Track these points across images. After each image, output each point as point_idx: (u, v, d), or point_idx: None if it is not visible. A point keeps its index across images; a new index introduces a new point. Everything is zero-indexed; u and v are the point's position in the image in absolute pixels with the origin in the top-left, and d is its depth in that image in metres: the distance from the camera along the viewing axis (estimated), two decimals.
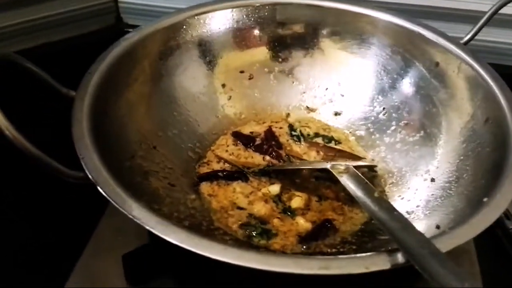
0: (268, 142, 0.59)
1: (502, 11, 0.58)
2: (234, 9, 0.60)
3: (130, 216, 0.36)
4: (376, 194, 0.42)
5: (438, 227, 0.44)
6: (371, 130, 0.60)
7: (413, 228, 0.36)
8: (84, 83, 0.48)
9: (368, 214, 0.41)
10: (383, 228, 0.37)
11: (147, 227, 0.35)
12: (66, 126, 0.44)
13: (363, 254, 0.34)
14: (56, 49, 0.79)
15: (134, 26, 0.80)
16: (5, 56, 0.40)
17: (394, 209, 0.39)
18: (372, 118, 0.60)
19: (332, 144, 0.60)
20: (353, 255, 0.35)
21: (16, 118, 0.39)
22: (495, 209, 0.38)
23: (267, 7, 0.61)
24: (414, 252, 0.33)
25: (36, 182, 0.52)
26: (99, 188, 0.38)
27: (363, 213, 0.51)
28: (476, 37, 0.59)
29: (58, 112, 0.45)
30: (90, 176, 0.39)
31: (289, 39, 0.62)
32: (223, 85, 0.63)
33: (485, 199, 0.39)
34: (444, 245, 0.35)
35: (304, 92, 0.64)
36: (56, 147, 0.41)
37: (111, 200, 0.37)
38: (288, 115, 0.64)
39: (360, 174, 0.47)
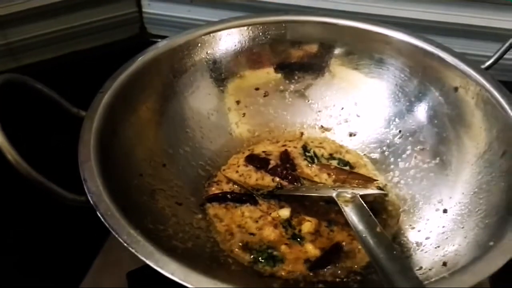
0: (283, 164, 0.58)
1: None
2: (245, 28, 0.59)
3: (125, 245, 0.36)
4: (378, 229, 0.41)
5: (445, 264, 0.43)
6: (386, 153, 0.58)
7: (411, 271, 0.35)
8: (95, 102, 0.49)
9: (366, 252, 0.40)
10: (377, 267, 0.36)
11: (141, 257, 0.36)
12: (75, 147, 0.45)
13: None
14: (82, 58, 0.81)
15: (158, 36, 0.82)
16: (13, 79, 0.41)
17: (393, 248, 0.38)
18: (388, 141, 0.59)
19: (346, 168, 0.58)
20: None
21: (26, 139, 0.40)
22: (503, 254, 0.37)
23: (278, 25, 0.60)
24: None
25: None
26: (98, 214, 0.38)
27: None
28: (507, 56, 0.57)
29: (69, 133, 0.46)
30: (91, 201, 0.39)
31: (303, 58, 0.61)
32: (238, 102, 0.63)
33: (491, 243, 0.37)
34: None
35: (319, 111, 0.63)
36: (65, 168, 0.43)
37: (109, 228, 0.38)
38: (302, 134, 0.63)
39: (365, 205, 0.45)
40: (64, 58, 0.81)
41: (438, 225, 0.49)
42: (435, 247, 0.46)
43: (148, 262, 0.35)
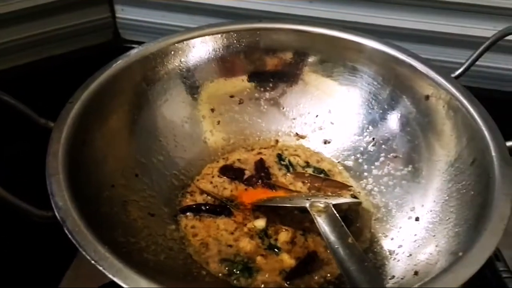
0: (258, 173, 0.58)
1: (508, 37, 0.56)
2: (219, 35, 0.59)
3: (93, 262, 0.35)
4: (350, 240, 0.41)
5: (416, 273, 0.43)
6: (360, 160, 0.59)
7: (381, 283, 0.35)
8: (64, 113, 0.48)
9: (336, 263, 0.40)
10: (346, 279, 0.36)
11: (108, 275, 0.35)
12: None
13: None
14: (55, 64, 0.79)
15: (132, 42, 0.81)
16: None
17: (365, 260, 0.38)
18: (362, 148, 0.59)
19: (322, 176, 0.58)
20: None
21: None
22: (471, 265, 0.37)
23: (252, 32, 0.60)
24: None
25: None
26: (65, 230, 0.37)
27: None
28: (478, 63, 0.57)
29: (36, 145, 0.45)
30: (58, 217, 0.38)
31: (277, 66, 0.61)
32: (212, 110, 0.62)
33: (460, 253, 0.38)
34: None
35: (294, 119, 0.63)
36: (33, 182, 0.41)
37: (76, 244, 0.37)
38: (277, 141, 0.63)
39: (337, 215, 0.45)
40: (36, 64, 0.79)
41: (410, 233, 0.49)
42: (408, 256, 0.47)
43: (116, 279, 0.35)
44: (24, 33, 0.76)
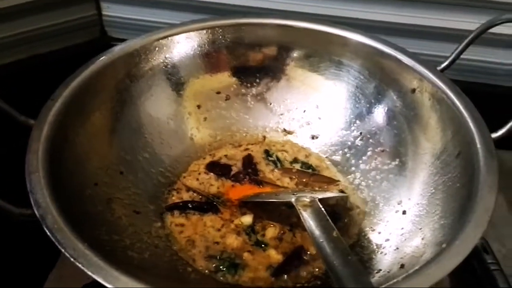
0: (245, 170, 0.57)
1: (491, 30, 0.56)
2: (204, 31, 0.58)
3: (72, 260, 0.35)
4: (334, 234, 0.41)
5: (402, 266, 0.43)
6: (348, 155, 0.58)
7: (365, 276, 0.35)
8: (44, 110, 0.47)
9: (321, 258, 0.39)
10: (331, 273, 0.35)
11: (88, 272, 0.34)
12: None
13: None
14: (41, 63, 0.79)
15: (119, 40, 0.80)
16: None
17: (349, 254, 0.38)
18: (349, 143, 0.59)
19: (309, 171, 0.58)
20: None
21: None
22: (455, 256, 0.37)
23: (236, 27, 0.59)
24: None
25: None
26: (44, 227, 0.37)
27: None
28: (463, 56, 0.57)
29: (16, 142, 0.44)
30: (37, 214, 0.38)
31: (263, 61, 0.61)
32: (199, 106, 0.62)
33: (443, 245, 0.37)
34: None
35: (281, 114, 0.63)
36: (12, 180, 0.41)
37: (55, 241, 0.36)
38: (264, 137, 0.62)
39: (323, 209, 0.45)
40: (22, 62, 0.78)
41: (397, 226, 0.49)
42: (394, 249, 0.46)
43: (95, 277, 0.34)
44: (10, 32, 0.75)
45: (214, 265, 0.48)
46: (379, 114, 0.57)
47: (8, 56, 0.77)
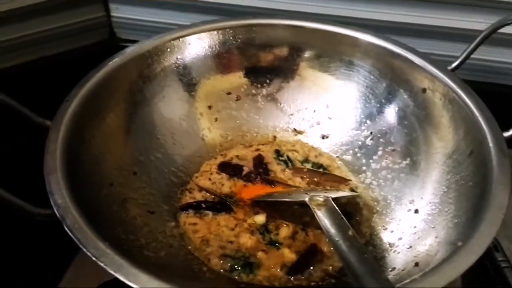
0: (256, 170, 0.58)
1: (501, 30, 0.56)
2: (215, 32, 0.59)
3: (94, 259, 0.35)
4: (350, 233, 0.41)
5: (417, 264, 0.43)
6: (358, 155, 0.59)
7: (382, 274, 0.35)
8: (60, 111, 0.48)
9: (338, 256, 0.40)
10: (348, 271, 0.36)
11: (110, 271, 0.35)
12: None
13: None
14: (50, 64, 0.79)
15: (128, 41, 0.81)
16: None
17: (365, 252, 0.38)
18: (359, 142, 0.59)
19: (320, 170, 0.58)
20: None
21: None
22: (470, 255, 0.37)
23: (247, 28, 0.60)
24: None
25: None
26: (65, 227, 0.37)
27: None
28: (474, 56, 0.58)
29: (34, 144, 0.45)
30: (57, 214, 0.38)
31: (273, 62, 0.61)
32: (210, 107, 0.62)
33: (459, 243, 0.38)
34: None
35: (291, 114, 0.63)
36: (31, 181, 0.41)
37: (76, 241, 0.37)
38: (275, 137, 0.63)
39: (337, 208, 0.46)
40: (31, 64, 0.79)
41: (410, 225, 0.49)
42: (408, 248, 0.47)
43: (117, 275, 0.35)
44: (19, 33, 0.76)
45: (229, 264, 0.49)
46: (390, 114, 0.57)
47: (16, 58, 0.77)
